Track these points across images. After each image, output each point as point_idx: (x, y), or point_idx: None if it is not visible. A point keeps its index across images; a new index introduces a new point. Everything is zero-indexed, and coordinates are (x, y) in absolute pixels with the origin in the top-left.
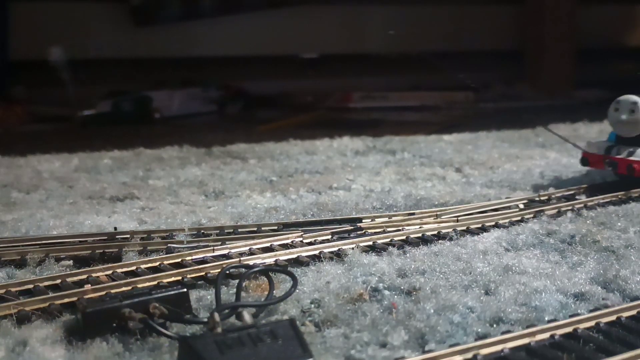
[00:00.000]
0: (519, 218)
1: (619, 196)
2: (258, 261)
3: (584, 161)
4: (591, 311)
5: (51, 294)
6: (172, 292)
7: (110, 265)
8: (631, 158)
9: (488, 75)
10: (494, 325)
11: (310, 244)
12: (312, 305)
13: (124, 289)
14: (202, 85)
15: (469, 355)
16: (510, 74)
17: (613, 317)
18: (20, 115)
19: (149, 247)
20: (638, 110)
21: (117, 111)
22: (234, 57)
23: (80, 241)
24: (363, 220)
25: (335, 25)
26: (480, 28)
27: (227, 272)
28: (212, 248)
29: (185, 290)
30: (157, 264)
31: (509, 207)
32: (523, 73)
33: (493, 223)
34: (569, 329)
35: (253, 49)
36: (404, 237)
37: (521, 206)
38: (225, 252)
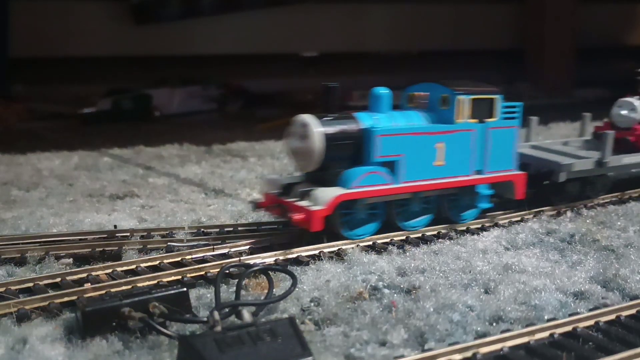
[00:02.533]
0: (518, 218)
1: (619, 196)
2: (258, 260)
3: (256, 204)
4: (591, 310)
5: (51, 293)
6: (172, 292)
7: (110, 263)
8: (300, 202)
9: (488, 74)
10: (494, 324)
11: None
12: (312, 304)
13: (123, 288)
14: (202, 84)
15: (469, 353)
16: (510, 73)
17: (612, 316)
18: (20, 113)
19: (148, 246)
20: (310, 135)
21: (117, 109)
22: (234, 55)
23: (80, 239)
24: None
25: (336, 23)
26: (480, 27)
27: (227, 271)
28: (212, 247)
29: (185, 289)
30: (157, 262)
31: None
32: (523, 72)
33: (493, 222)
34: (569, 328)
35: (253, 47)
36: (403, 237)
37: None
38: (225, 251)
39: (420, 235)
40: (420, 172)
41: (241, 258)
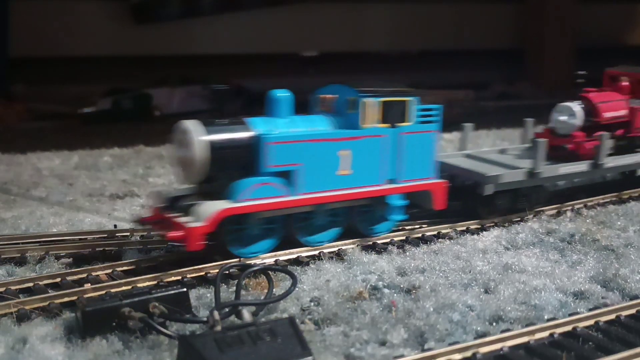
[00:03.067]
0: (518, 217)
1: (619, 196)
2: (258, 260)
3: (141, 220)
4: (590, 310)
5: (51, 293)
6: (172, 292)
7: (110, 263)
8: (181, 218)
9: (488, 74)
10: (494, 324)
11: None
12: (312, 304)
13: (123, 288)
14: (202, 83)
15: (468, 353)
16: (510, 72)
17: (612, 316)
18: (20, 113)
19: (148, 246)
20: (191, 143)
21: (117, 109)
22: (235, 55)
23: (80, 239)
24: None
25: (336, 23)
26: (480, 26)
27: (227, 271)
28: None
29: (184, 289)
30: (157, 262)
31: None
32: (523, 71)
33: (493, 222)
34: (569, 328)
35: (253, 46)
36: (403, 237)
37: None
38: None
39: (420, 235)
40: (321, 182)
41: (241, 258)
